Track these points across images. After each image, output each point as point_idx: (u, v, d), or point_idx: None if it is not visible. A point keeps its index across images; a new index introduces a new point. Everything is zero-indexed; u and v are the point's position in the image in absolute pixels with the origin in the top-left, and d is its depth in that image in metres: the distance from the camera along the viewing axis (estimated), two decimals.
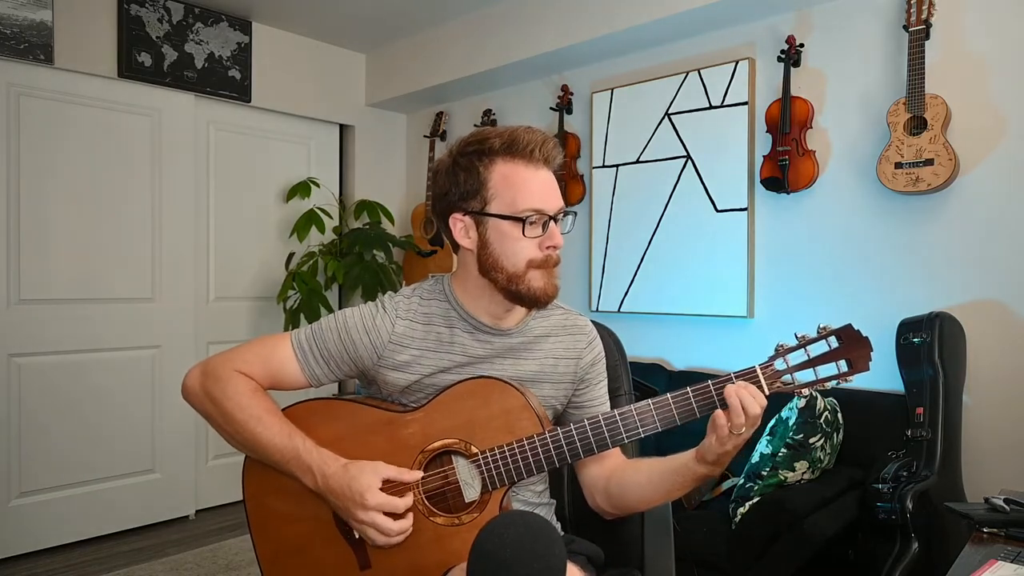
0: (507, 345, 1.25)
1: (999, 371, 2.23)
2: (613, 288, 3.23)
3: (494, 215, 1.17)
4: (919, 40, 2.24)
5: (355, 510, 1.12)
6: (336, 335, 1.23)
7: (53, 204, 3.05)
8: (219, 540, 3.16)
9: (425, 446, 1.17)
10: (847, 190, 2.57)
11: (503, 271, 1.18)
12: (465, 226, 1.21)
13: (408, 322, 1.24)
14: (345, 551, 1.18)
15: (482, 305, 1.24)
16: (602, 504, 1.29)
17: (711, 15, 2.76)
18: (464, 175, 1.19)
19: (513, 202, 1.16)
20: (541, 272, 1.18)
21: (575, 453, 1.15)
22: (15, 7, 2.90)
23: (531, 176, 1.17)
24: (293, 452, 1.15)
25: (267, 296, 3.79)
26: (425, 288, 1.29)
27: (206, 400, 1.21)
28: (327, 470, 1.14)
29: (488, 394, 1.16)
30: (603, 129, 3.27)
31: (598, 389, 1.35)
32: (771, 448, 2.17)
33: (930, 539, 1.88)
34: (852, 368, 1.10)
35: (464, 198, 1.19)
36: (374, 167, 4.26)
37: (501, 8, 3.42)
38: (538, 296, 1.19)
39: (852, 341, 1.10)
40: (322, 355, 1.23)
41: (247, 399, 1.18)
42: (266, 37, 3.73)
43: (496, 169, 1.17)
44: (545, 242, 1.18)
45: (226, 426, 1.19)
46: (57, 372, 3.07)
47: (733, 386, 1.10)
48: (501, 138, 1.18)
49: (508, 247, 1.17)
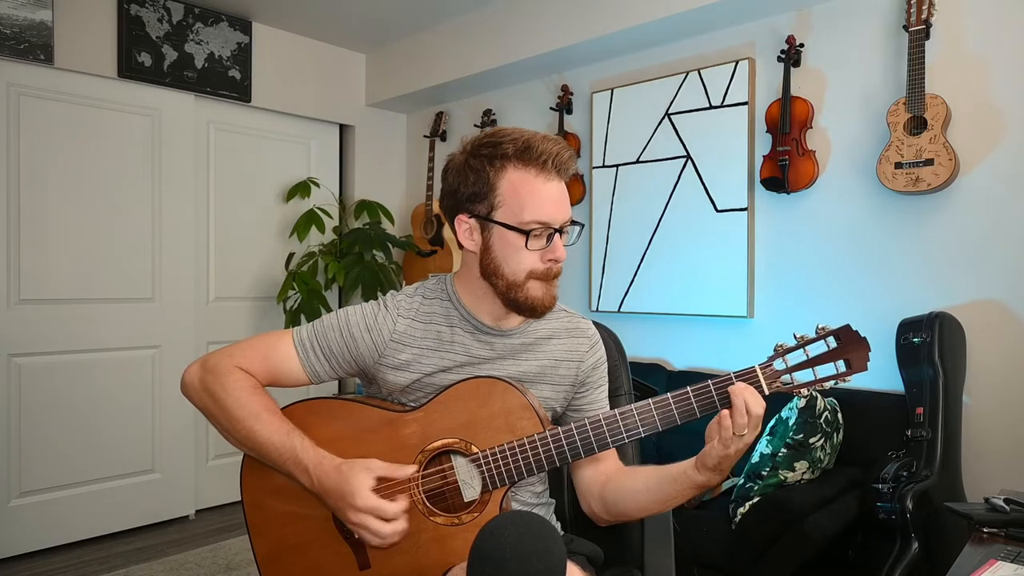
0: (508, 346, 1.25)
1: (999, 371, 2.23)
2: (613, 288, 3.23)
3: (499, 223, 1.16)
4: (919, 40, 2.24)
5: (347, 511, 1.11)
6: (338, 332, 1.23)
7: (53, 204, 3.05)
8: (219, 540, 3.16)
9: (425, 445, 1.17)
10: (847, 190, 2.57)
11: (503, 278, 1.18)
12: (470, 228, 1.20)
13: (410, 321, 1.24)
14: (344, 551, 1.18)
15: (484, 306, 1.24)
16: (597, 510, 1.28)
17: (711, 15, 2.76)
18: (474, 176, 1.18)
19: (520, 212, 1.15)
20: (541, 283, 1.19)
21: (576, 452, 1.15)
22: (15, 7, 2.90)
23: (540, 187, 1.16)
24: (290, 451, 1.15)
25: (267, 296, 3.79)
26: (428, 287, 1.29)
27: (205, 395, 1.20)
28: (321, 470, 1.13)
29: (489, 393, 1.16)
30: (603, 129, 3.27)
31: (598, 393, 1.34)
32: (771, 448, 2.17)
33: (930, 539, 1.88)
34: (850, 368, 1.10)
35: (472, 200, 1.18)
36: (374, 167, 4.26)
37: (501, 8, 3.42)
38: (535, 306, 1.19)
39: (850, 341, 1.10)
40: (323, 352, 1.23)
41: (246, 396, 1.18)
42: (266, 37, 3.73)
43: (506, 176, 1.16)
44: (547, 255, 1.18)
45: (224, 422, 1.19)
46: (57, 372, 3.08)
47: (737, 385, 1.09)
48: (515, 144, 1.16)
49: (510, 256, 1.17)
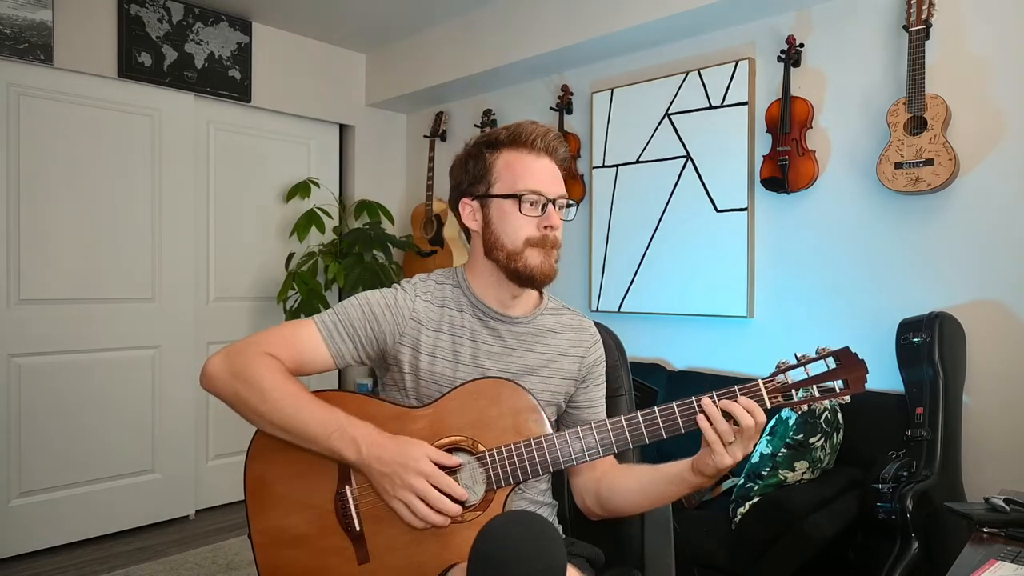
0: (514, 333, 1.30)
1: (999, 371, 2.23)
2: (613, 288, 3.23)
3: (495, 195, 1.26)
4: (919, 40, 2.24)
5: (407, 476, 1.09)
6: (360, 311, 1.26)
7: (53, 204, 3.05)
8: (219, 540, 3.16)
9: (433, 441, 1.18)
10: (847, 190, 2.57)
11: (503, 248, 1.25)
12: (472, 209, 1.29)
13: (428, 304, 1.29)
14: (344, 544, 1.17)
15: (490, 290, 1.29)
16: (591, 506, 1.32)
17: (711, 15, 2.76)
18: (473, 163, 1.29)
19: (513, 183, 1.25)
20: (538, 251, 1.25)
21: (581, 457, 1.17)
22: (15, 7, 2.90)
23: (532, 161, 1.26)
24: (336, 425, 1.13)
25: (267, 296, 3.79)
26: (439, 273, 1.36)
27: (235, 382, 1.18)
28: (373, 439, 1.12)
29: (498, 393, 1.19)
30: (603, 129, 3.27)
31: (597, 391, 1.37)
32: (771, 448, 2.17)
33: (930, 539, 1.88)
34: (848, 388, 1.14)
35: (472, 183, 1.29)
36: (374, 167, 4.26)
37: (501, 8, 3.42)
38: (534, 274, 1.24)
39: (849, 363, 1.14)
40: (347, 331, 1.25)
41: (281, 378, 1.17)
42: (266, 37, 3.73)
43: (501, 157, 1.27)
44: (542, 222, 1.25)
45: (259, 405, 1.16)
46: (57, 372, 3.08)
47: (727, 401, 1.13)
48: (508, 130, 1.28)
49: (508, 225, 1.25)
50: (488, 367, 1.26)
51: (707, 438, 1.11)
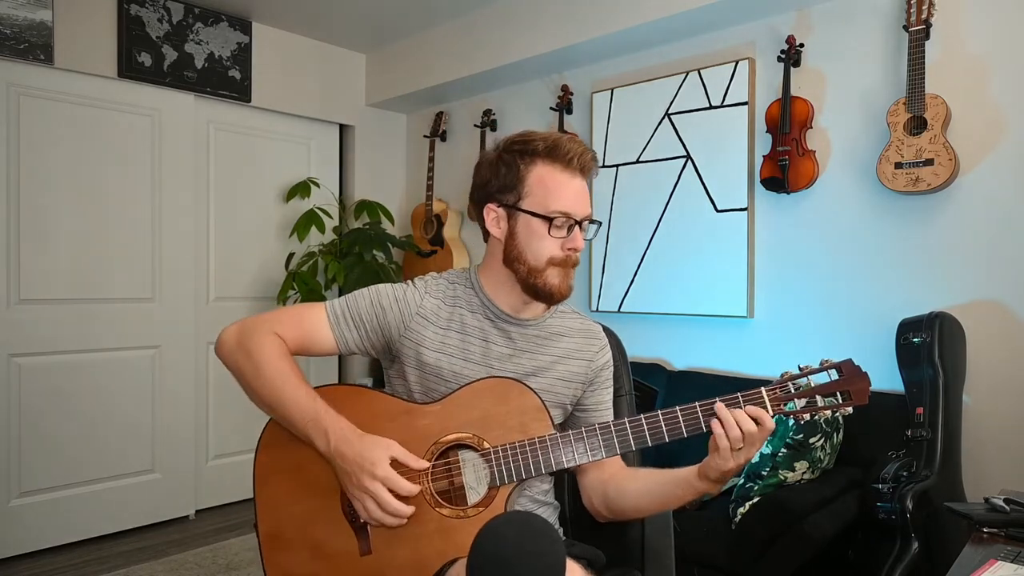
0: (524, 335, 1.32)
1: (999, 371, 2.23)
2: (613, 288, 3.23)
3: (525, 211, 1.25)
4: (919, 40, 2.24)
5: (362, 477, 1.13)
6: (368, 300, 1.30)
7: (53, 204, 3.05)
8: (219, 540, 3.16)
9: (439, 438, 1.20)
10: (847, 190, 2.57)
11: (525, 263, 1.26)
12: (497, 216, 1.29)
13: (438, 302, 1.31)
14: (348, 536, 1.19)
15: (503, 295, 1.31)
16: (598, 506, 1.33)
17: (711, 15, 2.76)
18: (505, 169, 1.27)
19: (545, 202, 1.24)
20: (559, 270, 1.26)
21: (583, 457, 1.19)
22: (15, 7, 2.90)
23: (566, 181, 1.25)
24: (313, 413, 1.18)
25: (267, 296, 3.79)
26: (451, 273, 1.38)
27: (240, 353, 1.25)
28: (342, 435, 1.16)
29: (506, 392, 1.21)
30: (603, 129, 3.27)
31: (604, 394, 1.39)
32: (771, 448, 2.17)
33: (930, 539, 1.88)
34: (850, 399, 1.16)
35: (501, 190, 1.28)
36: (374, 167, 4.26)
37: (501, 8, 3.42)
38: (552, 292, 1.26)
39: (852, 374, 1.16)
40: (354, 320, 1.29)
41: (277, 357, 1.23)
42: (266, 37, 3.73)
43: (535, 169, 1.25)
44: (567, 244, 1.26)
45: (254, 380, 1.22)
46: (57, 372, 3.07)
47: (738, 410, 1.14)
48: (545, 142, 1.26)
49: (533, 242, 1.25)
50: (497, 367, 1.28)
51: (718, 443, 1.13)
